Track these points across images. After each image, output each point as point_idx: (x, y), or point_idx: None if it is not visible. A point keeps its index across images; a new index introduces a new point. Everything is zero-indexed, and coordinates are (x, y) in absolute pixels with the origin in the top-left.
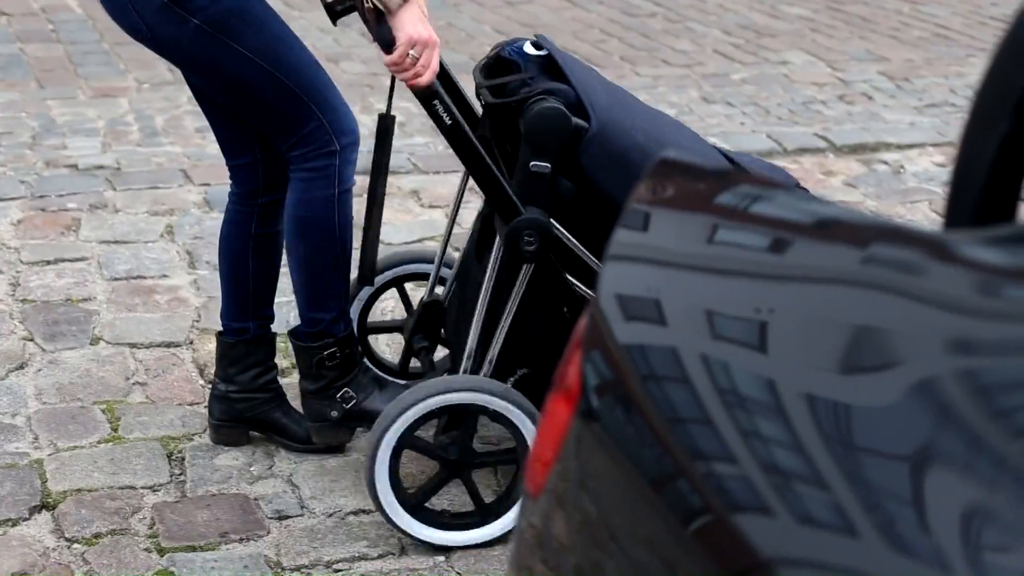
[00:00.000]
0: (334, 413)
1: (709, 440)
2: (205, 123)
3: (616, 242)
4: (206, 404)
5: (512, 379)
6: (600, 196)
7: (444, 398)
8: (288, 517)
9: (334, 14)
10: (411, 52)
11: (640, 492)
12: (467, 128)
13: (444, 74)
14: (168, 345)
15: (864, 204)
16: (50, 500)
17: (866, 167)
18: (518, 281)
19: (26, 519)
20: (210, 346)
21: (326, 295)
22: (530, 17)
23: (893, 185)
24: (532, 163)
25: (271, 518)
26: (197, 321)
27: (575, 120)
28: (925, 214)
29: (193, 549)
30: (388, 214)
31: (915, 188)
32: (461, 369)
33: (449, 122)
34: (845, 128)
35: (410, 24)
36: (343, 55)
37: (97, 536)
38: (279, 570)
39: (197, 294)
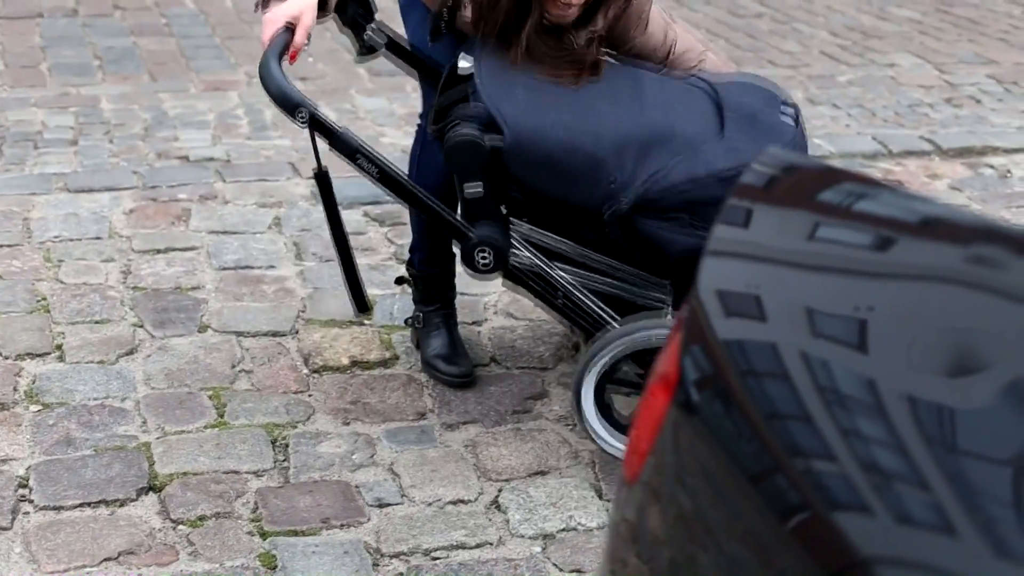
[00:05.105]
0: None
1: (808, 437)
2: None
3: (716, 238)
4: (310, 392)
5: None
6: (543, 195)
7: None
8: (388, 505)
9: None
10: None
11: (737, 487)
12: (396, 172)
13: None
14: (274, 334)
15: (969, 208)
16: (157, 482)
17: (972, 171)
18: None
19: (133, 500)
20: (315, 336)
21: (413, 233)
22: None
23: (999, 189)
24: (465, 188)
25: (371, 505)
26: (303, 311)
27: (489, 139)
28: None
29: (295, 534)
30: None
31: (1021, 193)
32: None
33: (376, 173)
34: (951, 131)
35: None
36: None
37: (202, 518)
38: (378, 556)
39: (303, 285)
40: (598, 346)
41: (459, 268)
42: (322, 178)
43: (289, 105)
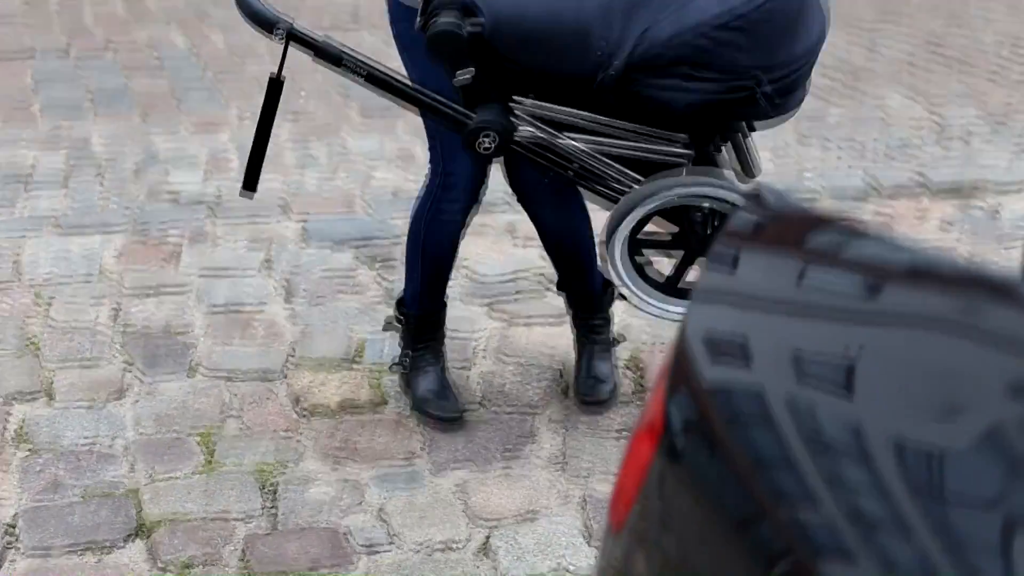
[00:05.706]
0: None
1: (793, 484)
2: (305, 156)
3: (703, 283)
4: (300, 435)
5: None
6: (535, 71)
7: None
8: (377, 551)
9: None
10: None
11: (722, 534)
12: (383, 71)
13: None
14: (264, 376)
15: (959, 247)
16: (145, 527)
17: (962, 209)
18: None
19: (121, 546)
20: (304, 379)
21: (407, 279)
22: None
23: (989, 228)
24: (456, 77)
25: (360, 550)
26: (292, 355)
27: (469, 25)
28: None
29: None
30: (482, 249)
31: (1011, 232)
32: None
33: (364, 73)
34: (941, 169)
35: None
36: None
37: (189, 564)
38: None
39: (293, 327)
40: (620, 210)
41: (451, 312)
42: (275, 85)
43: (266, 23)
